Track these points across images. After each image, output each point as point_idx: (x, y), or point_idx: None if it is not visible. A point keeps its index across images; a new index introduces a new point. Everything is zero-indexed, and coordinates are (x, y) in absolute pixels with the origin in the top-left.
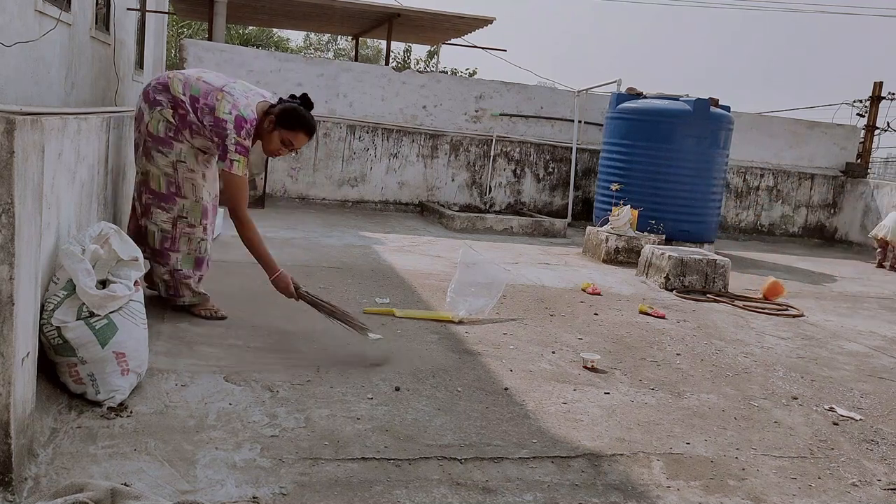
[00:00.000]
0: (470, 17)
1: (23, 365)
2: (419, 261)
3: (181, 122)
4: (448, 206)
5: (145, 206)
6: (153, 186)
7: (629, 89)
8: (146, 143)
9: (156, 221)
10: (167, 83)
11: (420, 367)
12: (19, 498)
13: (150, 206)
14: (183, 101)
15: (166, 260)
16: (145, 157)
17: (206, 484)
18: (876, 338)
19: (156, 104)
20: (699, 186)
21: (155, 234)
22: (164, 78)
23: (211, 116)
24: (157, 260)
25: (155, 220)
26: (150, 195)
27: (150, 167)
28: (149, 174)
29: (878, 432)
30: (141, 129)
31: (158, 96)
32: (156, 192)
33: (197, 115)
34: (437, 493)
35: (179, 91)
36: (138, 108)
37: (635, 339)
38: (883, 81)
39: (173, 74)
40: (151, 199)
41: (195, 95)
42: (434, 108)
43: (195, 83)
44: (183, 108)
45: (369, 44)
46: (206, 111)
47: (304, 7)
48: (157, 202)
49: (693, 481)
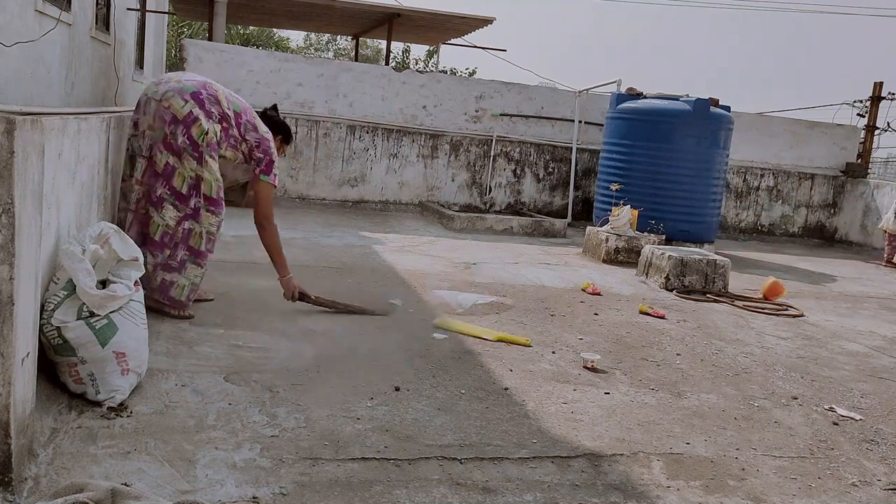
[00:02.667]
0: (470, 17)
1: (23, 365)
2: (419, 261)
3: (224, 135)
4: (448, 206)
5: (194, 209)
6: (205, 190)
7: (629, 89)
8: (200, 149)
9: (203, 224)
10: (217, 97)
11: (420, 367)
12: (19, 498)
13: (199, 210)
14: (228, 116)
15: (203, 261)
16: (198, 161)
17: (206, 484)
18: (876, 338)
19: (211, 115)
20: (699, 186)
21: (201, 237)
22: (213, 90)
23: (256, 133)
24: (195, 260)
25: (203, 222)
26: (200, 198)
27: (203, 172)
28: (201, 178)
29: (878, 432)
30: (192, 133)
31: (213, 108)
32: (207, 196)
33: (239, 131)
34: (437, 493)
35: (226, 105)
36: (189, 113)
37: (635, 339)
38: (883, 81)
39: (217, 87)
40: (201, 203)
41: (237, 111)
42: (434, 108)
43: (233, 98)
44: (227, 122)
45: (369, 44)
46: (250, 128)
47: (304, 7)
48: (207, 206)
49: (693, 481)
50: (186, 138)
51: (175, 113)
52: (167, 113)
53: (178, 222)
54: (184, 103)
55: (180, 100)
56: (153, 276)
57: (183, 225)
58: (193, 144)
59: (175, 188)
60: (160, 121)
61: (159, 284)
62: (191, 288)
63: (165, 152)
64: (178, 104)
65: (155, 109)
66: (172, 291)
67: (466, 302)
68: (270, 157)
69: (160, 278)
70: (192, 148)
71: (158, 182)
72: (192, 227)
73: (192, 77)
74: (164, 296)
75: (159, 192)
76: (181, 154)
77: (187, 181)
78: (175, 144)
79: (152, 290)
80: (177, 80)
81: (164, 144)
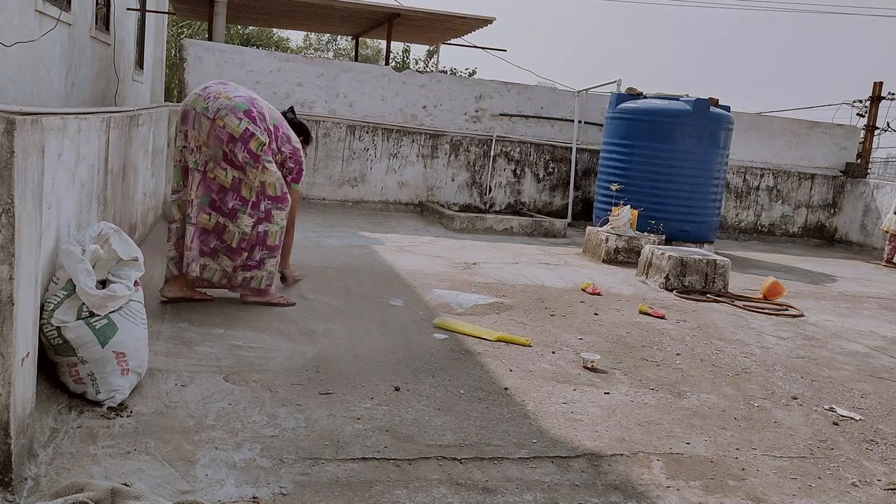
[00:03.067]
0: (470, 17)
1: (23, 365)
2: (419, 261)
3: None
4: (448, 206)
5: (266, 212)
6: (270, 192)
7: (629, 89)
8: (262, 160)
9: (277, 221)
10: (263, 113)
11: (420, 367)
12: (19, 498)
13: (270, 211)
14: (271, 131)
15: (277, 252)
16: (262, 171)
17: (206, 484)
18: (876, 338)
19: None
20: (699, 186)
21: (277, 233)
22: (260, 107)
23: (290, 145)
24: (273, 255)
25: (276, 220)
26: (269, 200)
27: (266, 177)
28: (265, 183)
29: (878, 432)
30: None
31: (262, 123)
32: (272, 196)
33: (277, 144)
34: (437, 493)
35: (269, 121)
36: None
37: (635, 339)
38: (883, 81)
39: (263, 105)
40: (271, 204)
41: (276, 125)
42: (434, 108)
43: (273, 112)
44: (270, 136)
45: (369, 44)
46: (285, 140)
47: (304, 7)
48: (276, 205)
49: (693, 481)
50: (247, 153)
51: (231, 132)
52: (223, 132)
53: (253, 227)
54: (238, 122)
55: (235, 119)
56: (233, 276)
57: (258, 228)
58: (254, 157)
59: (245, 198)
60: (216, 139)
61: (240, 282)
62: (268, 277)
63: (229, 168)
64: (234, 123)
65: (210, 128)
66: (253, 283)
67: (467, 302)
68: (301, 167)
69: (241, 277)
70: (253, 161)
71: (228, 195)
72: (266, 228)
73: (238, 93)
74: (247, 288)
75: (231, 205)
76: (244, 168)
77: (255, 189)
78: (237, 161)
79: (233, 288)
80: (226, 97)
81: (225, 161)
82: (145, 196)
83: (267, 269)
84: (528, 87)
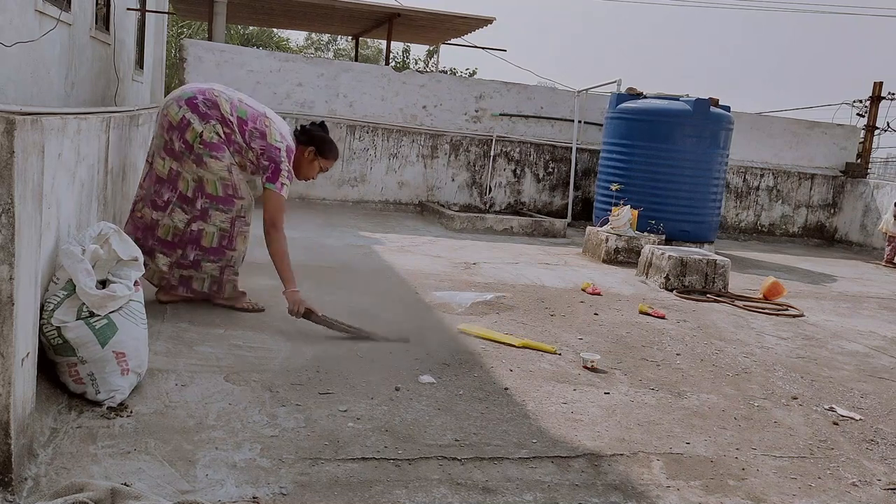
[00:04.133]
0: (470, 17)
1: (23, 365)
2: (419, 261)
3: (227, 139)
4: (448, 206)
5: (202, 210)
6: (209, 190)
7: (629, 89)
8: (196, 151)
9: (215, 223)
10: (216, 101)
11: (420, 367)
12: (19, 498)
13: (207, 210)
14: (231, 122)
15: (219, 256)
16: (196, 164)
17: (206, 484)
18: (876, 338)
19: (208, 118)
20: (699, 186)
21: (213, 235)
22: (212, 95)
23: (263, 141)
24: (209, 258)
25: (214, 221)
26: (206, 199)
27: (203, 173)
28: (203, 179)
29: (878, 432)
30: (186, 138)
31: (209, 111)
32: (212, 195)
33: (244, 138)
34: (437, 493)
35: (227, 111)
36: (182, 118)
37: (635, 339)
38: (883, 81)
39: (218, 93)
40: (208, 203)
41: (242, 118)
42: (434, 108)
43: (240, 105)
44: (229, 127)
45: (369, 44)
46: (257, 135)
47: (304, 7)
48: (216, 205)
49: (693, 481)
50: (182, 143)
51: (171, 119)
52: (165, 120)
53: (186, 224)
54: (178, 109)
55: (176, 106)
56: (170, 275)
57: (191, 226)
58: (189, 148)
59: (182, 192)
60: (160, 128)
61: (178, 280)
62: (211, 281)
63: (168, 158)
64: (174, 111)
65: (160, 119)
66: (194, 284)
67: (466, 301)
68: (277, 166)
69: (178, 274)
70: (188, 151)
71: (164, 187)
72: (201, 227)
73: (196, 84)
74: (188, 289)
75: (166, 197)
76: (181, 158)
77: (189, 184)
78: (174, 150)
79: (173, 288)
80: (181, 89)
81: (164, 151)
82: None
83: (207, 271)
84: (528, 87)
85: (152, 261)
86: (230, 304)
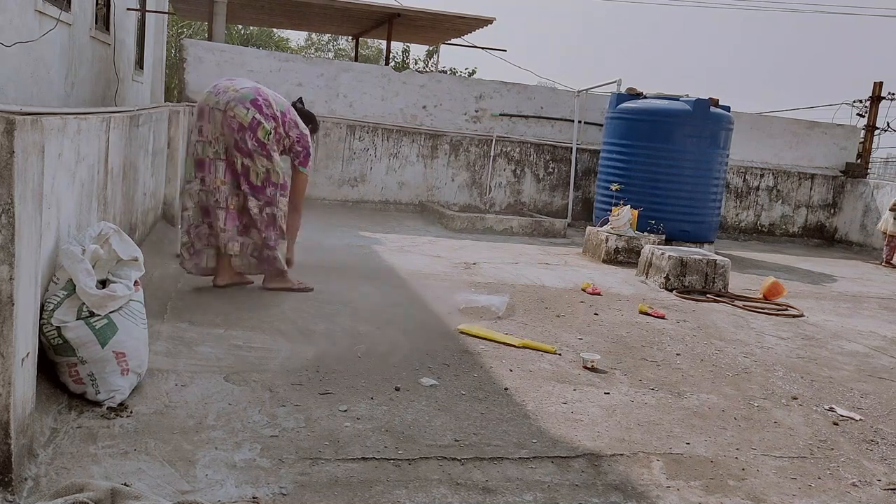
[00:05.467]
0: (470, 17)
1: (23, 365)
2: (419, 261)
3: (276, 133)
4: (448, 206)
5: (270, 197)
6: (274, 179)
7: (629, 89)
8: (267, 147)
9: (280, 206)
10: (269, 100)
11: (420, 368)
12: (19, 498)
13: (275, 196)
14: (277, 117)
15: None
16: (267, 158)
17: (205, 484)
18: (876, 338)
19: (268, 116)
20: (699, 186)
21: (282, 217)
22: (265, 94)
23: (297, 130)
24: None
25: (280, 205)
26: (272, 187)
27: (269, 165)
28: (269, 171)
29: (878, 432)
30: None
31: (267, 110)
32: (276, 183)
33: (285, 129)
34: (437, 493)
35: (275, 108)
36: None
37: (635, 339)
38: (883, 81)
39: (267, 91)
40: (274, 190)
41: (282, 111)
42: (434, 108)
43: (279, 99)
44: (277, 122)
45: (369, 44)
46: (292, 125)
47: (304, 7)
48: (280, 191)
49: (693, 481)
50: (255, 141)
51: (242, 121)
52: (234, 122)
53: (260, 210)
54: (246, 111)
55: (243, 109)
56: (263, 250)
57: (265, 211)
58: (261, 145)
59: (252, 183)
60: (229, 129)
61: (266, 257)
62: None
63: (239, 156)
64: (242, 113)
65: (222, 119)
66: (277, 264)
67: (470, 302)
68: (308, 151)
69: (266, 253)
70: (260, 148)
71: (241, 180)
72: (273, 211)
73: (244, 84)
74: (273, 268)
75: (243, 188)
76: (252, 155)
77: (260, 176)
78: (245, 148)
79: (262, 264)
80: (234, 90)
81: (236, 149)
82: (145, 196)
83: (282, 249)
84: (528, 87)
85: (248, 236)
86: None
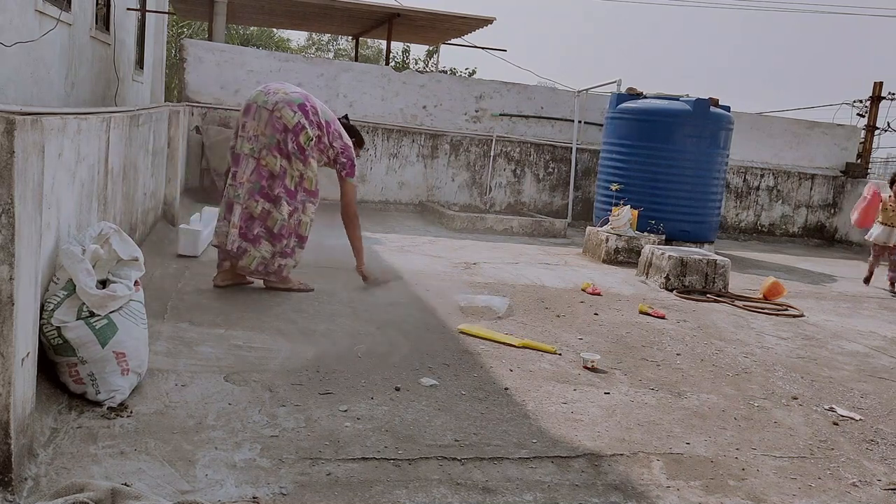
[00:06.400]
0: (470, 17)
1: (23, 365)
2: (419, 261)
3: (318, 141)
4: (448, 205)
5: (301, 203)
6: (306, 186)
7: (629, 89)
8: (306, 152)
9: (308, 214)
10: (316, 108)
11: (420, 368)
12: (19, 498)
13: (305, 202)
14: (322, 125)
15: (305, 244)
16: (303, 163)
17: (205, 484)
18: (876, 338)
19: (312, 123)
20: (699, 186)
21: (308, 225)
22: (313, 101)
23: (342, 141)
24: (301, 245)
25: (308, 212)
26: (304, 193)
27: (304, 170)
28: (303, 176)
29: (878, 432)
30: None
31: (313, 118)
32: (308, 189)
33: (329, 139)
34: (437, 493)
35: (321, 116)
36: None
37: (635, 339)
38: (883, 81)
39: (315, 100)
40: (305, 197)
41: (328, 121)
42: (434, 108)
43: (326, 109)
44: (322, 130)
45: (369, 44)
46: (337, 136)
47: (304, 7)
48: (310, 198)
49: (693, 481)
50: (295, 144)
51: (286, 123)
52: (279, 122)
53: (290, 215)
54: (293, 114)
55: (290, 111)
56: (271, 262)
57: (293, 217)
58: (301, 150)
59: (287, 187)
60: (273, 128)
61: (276, 268)
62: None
63: (279, 157)
64: (289, 115)
65: (268, 118)
66: (284, 271)
67: (472, 302)
68: (352, 162)
69: (277, 264)
70: (299, 152)
71: (275, 182)
72: (300, 218)
73: (295, 89)
74: (278, 276)
75: (276, 191)
76: (290, 157)
77: (294, 179)
78: (286, 150)
79: (268, 275)
80: (284, 93)
81: (276, 150)
82: (145, 196)
83: (296, 258)
84: (528, 87)
85: (255, 247)
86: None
